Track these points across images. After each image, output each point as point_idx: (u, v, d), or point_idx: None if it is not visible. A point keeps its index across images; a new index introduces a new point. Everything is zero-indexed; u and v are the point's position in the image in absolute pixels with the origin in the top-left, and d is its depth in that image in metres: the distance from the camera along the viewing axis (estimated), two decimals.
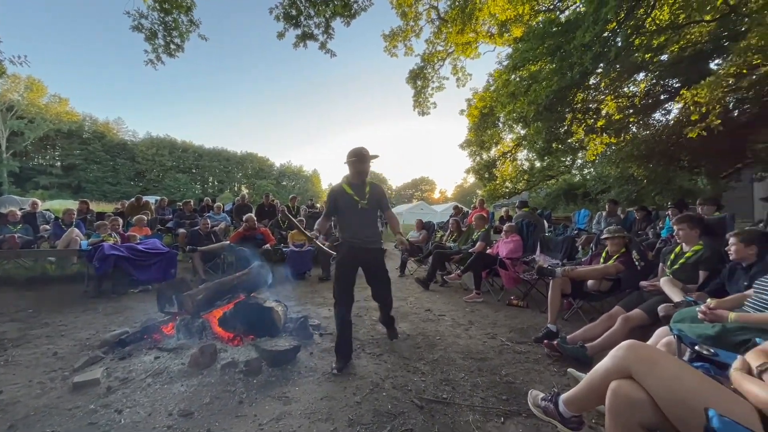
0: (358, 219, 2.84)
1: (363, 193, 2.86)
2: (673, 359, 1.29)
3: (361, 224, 2.85)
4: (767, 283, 1.87)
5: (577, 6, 8.33)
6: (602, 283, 3.62)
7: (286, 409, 2.13)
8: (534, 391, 1.71)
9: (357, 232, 2.86)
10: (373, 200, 2.90)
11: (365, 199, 2.84)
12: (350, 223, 2.86)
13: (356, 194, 2.83)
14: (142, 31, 6.25)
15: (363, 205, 2.82)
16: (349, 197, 2.82)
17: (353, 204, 2.82)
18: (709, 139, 6.77)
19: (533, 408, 1.65)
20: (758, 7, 4.95)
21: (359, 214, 2.83)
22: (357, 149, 2.81)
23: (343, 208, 2.85)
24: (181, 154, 52.03)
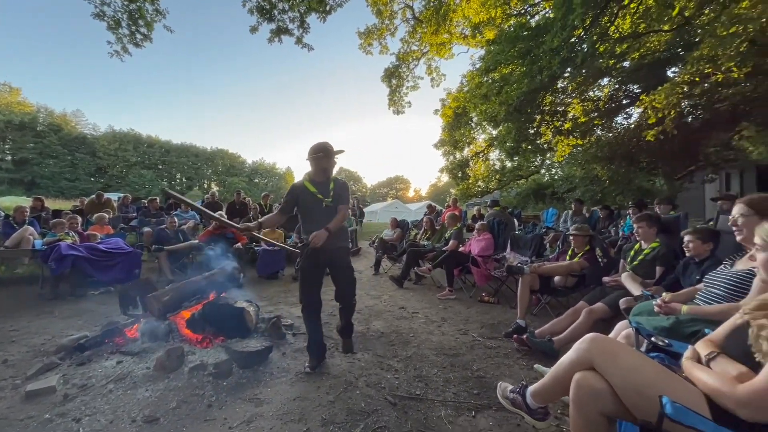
0: (323, 218, 2.65)
1: (327, 190, 2.69)
2: (632, 351, 1.36)
3: (324, 222, 2.64)
4: (715, 278, 2.01)
5: (546, 12, 8.61)
6: (568, 279, 3.77)
7: (257, 411, 2.09)
8: (503, 384, 1.76)
9: (319, 229, 2.65)
10: (336, 198, 2.74)
11: (330, 197, 2.68)
12: (315, 222, 2.65)
13: (320, 192, 2.67)
14: (104, 19, 5.94)
15: (328, 204, 2.67)
16: (312, 195, 2.67)
17: (317, 202, 2.67)
18: (666, 142, 7.19)
19: (502, 399, 1.70)
20: (710, 19, 5.29)
21: (324, 213, 2.67)
22: (321, 144, 2.65)
23: (307, 207, 2.71)
24: (146, 149, 49.76)
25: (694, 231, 2.64)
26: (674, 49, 7.59)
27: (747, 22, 3.98)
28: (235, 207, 8.81)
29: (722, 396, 1.08)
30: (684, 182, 10.05)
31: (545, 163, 13.68)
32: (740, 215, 1.78)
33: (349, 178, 70.74)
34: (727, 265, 2.07)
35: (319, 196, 2.66)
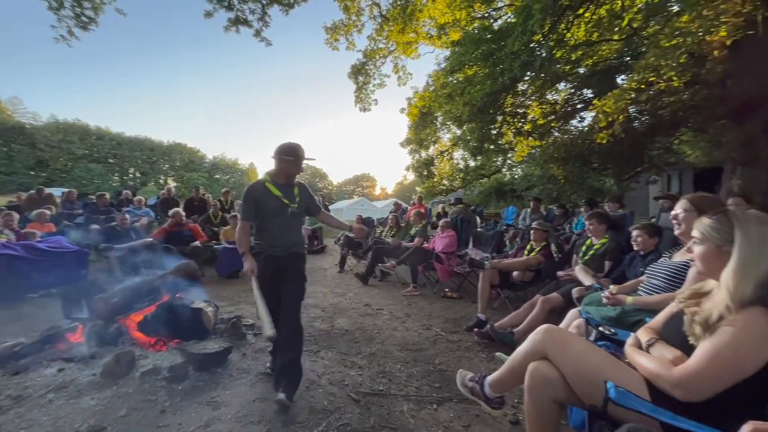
0: (288, 226, 2.45)
1: (292, 195, 2.46)
2: (581, 340, 1.44)
3: (288, 230, 2.46)
4: (656, 270, 2.17)
5: (508, 16, 8.89)
6: (525, 274, 3.94)
7: (215, 415, 2.02)
8: (463, 371, 1.81)
9: (281, 239, 2.44)
10: (303, 203, 2.54)
11: (296, 203, 2.45)
12: (275, 228, 2.42)
13: (286, 197, 2.41)
14: None
15: (294, 210, 2.43)
16: (277, 200, 2.38)
17: (282, 208, 2.40)
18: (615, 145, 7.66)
19: (461, 387, 1.75)
20: (654, 31, 5.68)
21: (290, 219, 2.45)
22: (294, 146, 2.40)
23: (270, 213, 2.40)
24: (95, 141, 46.25)
25: (642, 227, 2.84)
26: (623, 57, 8.10)
27: (686, 35, 4.31)
28: (193, 203, 8.42)
29: (659, 378, 1.16)
30: (631, 182, 10.79)
31: (507, 163, 14.18)
32: (682, 210, 1.93)
33: (314, 175, 69.74)
34: (666, 257, 2.24)
35: (285, 201, 2.40)
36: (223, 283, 5.59)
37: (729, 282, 1.14)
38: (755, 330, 1.04)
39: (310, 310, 4.06)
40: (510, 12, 8.62)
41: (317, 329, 3.46)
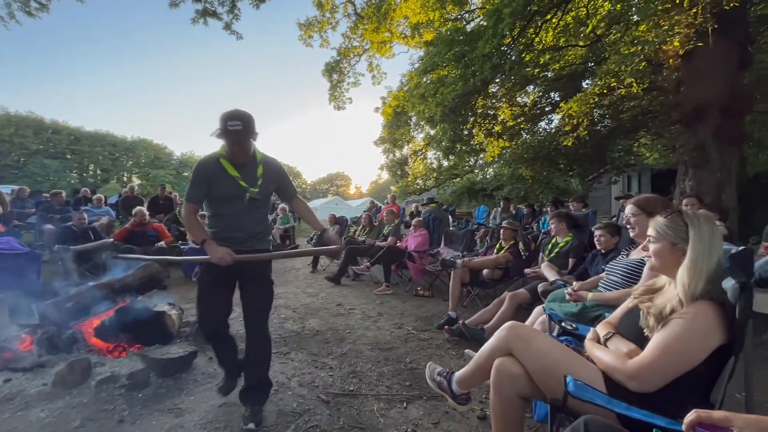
0: (243, 213, 1.98)
1: (254, 177, 1.96)
2: (544, 336, 1.49)
3: (245, 220, 2.00)
4: (614, 267, 2.28)
5: (480, 19, 9.06)
6: (495, 272, 4.03)
7: (177, 422, 1.94)
8: (432, 364, 1.83)
9: (236, 231, 2.00)
10: (268, 187, 2.04)
11: (257, 186, 1.96)
12: (229, 217, 1.99)
13: (244, 178, 1.92)
14: None
15: (253, 196, 1.95)
16: (232, 181, 1.91)
17: (238, 191, 1.92)
18: (580, 146, 7.98)
19: (429, 380, 1.77)
20: (615, 38, 5.96)
21: (246, 209, 1.98)
22: (238, 112, 1.82)
23: (222, 197, 1.95)
24: (50, 135, 43.47)
25: (604, 226, 2.96)
26: (588, 63, 8.44)
27: (644, 44, 4.54)
28: (158, 202, 8.08)
29: (615, 371, 1.21)
30: (594, 183, 11.28)
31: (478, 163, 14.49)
32: (632, 215, 2.03)
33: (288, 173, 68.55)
34: (623, 255, 2.35)
35: (243, 184, 1.91)
36: (189, 285, 5.38)
37: (684, 277, 1.21)
38: (703, 322, 1.11)
39: (281, 311, 3.99)
40: (481, 15, 8.79)
41: (288, 330, 3.40)
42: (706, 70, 5.01)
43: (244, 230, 2.02)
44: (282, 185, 2.15)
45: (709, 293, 1.15)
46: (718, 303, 1.13)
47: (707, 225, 1.24)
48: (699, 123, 5.12)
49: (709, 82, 4.98)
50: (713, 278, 1.18)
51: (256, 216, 2.06)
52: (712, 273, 1.18)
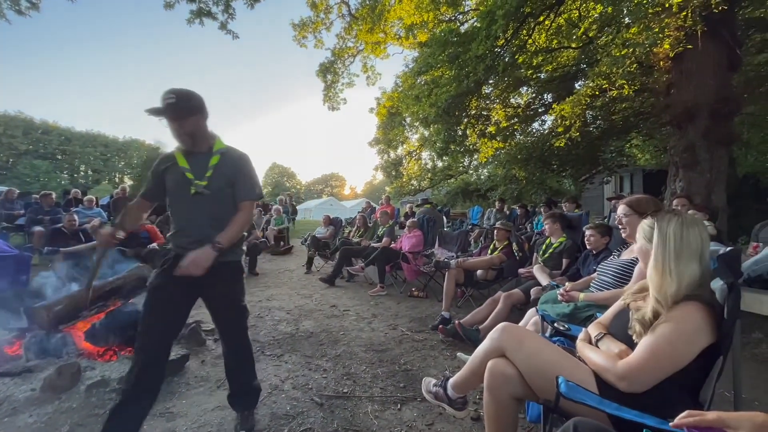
0: (190, 214, 1.71)
1: (203, 167, 1.69)
2: (536, 337, 1.49)
3: (194, 220, 1.70)
4: (606, 267, 2.30)
5: (474, 20, 9.11)
6: (489, 273, 4.04)
7: (169, 426, 1.92)
8: (427, 379, 1.83)
9: (185, 233, 1.72)
10: (221, 179, 1.70)
11: (204, 178, 1.67)
12: (178, 216, 1.75)
13: (192, 170, 1.68)
14: None
15: (200, 189, 1.66)
16: (179, 173, 1.69)
17: (183, 185, 1.68)
18: (573, 147, 8.05)
19: (426, 394, 1.77)
20: (607, 41, 6.02)
21: (192, 205, 1.69)
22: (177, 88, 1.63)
23: (170, 192, 1.75)
24: (40, 136, 42.93)
25: (594, 226, 2.99)
26: (580, 65, 8.52)
27: (635, 46, 4.60)
28: None
29: (605, 372, 1.22)
30: (586, 183, 11.39)
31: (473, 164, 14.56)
32: (623, 215, 2.05)
33: (282, 174, 68.33)
34: (615, 255, 2.37)
35: (188, 176, 1.66)
36: None
37: (651, 278, 1.23)
38: (691, 323, 1.12)
39: (275, 313, 3.97)
40: (475, 16, 8.84)
41: (282, 332, 3.38)
42: (696, 72, 5.09)
43: (192, 233, 1.69)
44: (237, 182, 1.74)
45: (697, 296, 1.16)
46: (705, 304, 1.14)
47: (677, 227, 1.23)
48: (689, 124, 5.19)
49: (699, 84, 5.06)
50: (694, 280, 1.18)
51: (206, 215, 1.70)
52: (691, 275, 1.18)
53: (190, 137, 1.68)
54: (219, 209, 1.72)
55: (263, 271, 6.50)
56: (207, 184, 1.67)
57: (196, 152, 1.71)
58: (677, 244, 1.21)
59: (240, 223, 1.72)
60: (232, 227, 1.68)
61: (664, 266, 1.21)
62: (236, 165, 1.76)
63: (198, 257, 1.54)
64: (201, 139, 1.72)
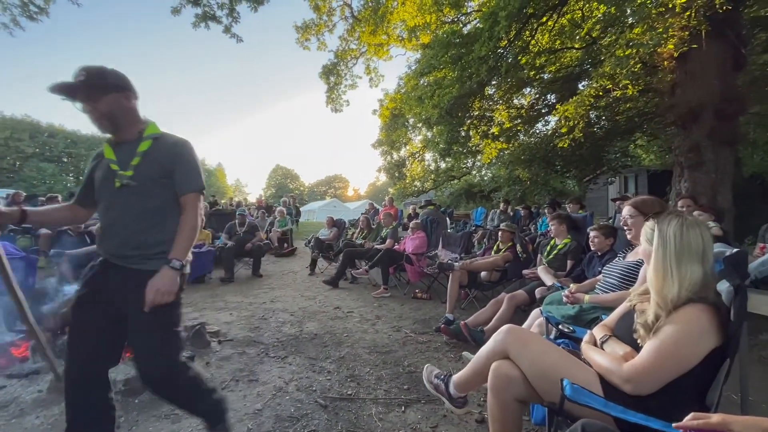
0: (116, 208, 1.44)
1: (130, 155, 1.43)
2: (541, 339, 1.49)
3: (120, 219, 1.43)
4: (611, 269, 2.28)
5: (476, 22, 9.11)
6: (493, 274, 4.03)
7: (174, 428, 1.93)
8: (430, 366, 1.83)
9: (107, 235, 1.47)
10: (152, 168, 1.44)
11: (130, 168, 1.41)
12: (105, 216, 1.48)
13: (119, 160, 1.44)
14: None
15: (126, 182, 1.40)
16: (105, 166, 1.46)
17: (109, 178, 1.43)
18: (576, 148, 8.03)
19: (426, 383, 1.77)
20: (611, 41, 6.00)
21: (118, 198, 1.43)
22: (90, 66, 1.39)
23: (98, 188, 1.49)
24: (47, 139, 43.24)
25: (599, 227, 2.96)
26: (584, 65, 8.50)
27: (639, 46, 4.58)
28: None
29: (610, 374, 1.21)
30: (590, 184, 11.34)
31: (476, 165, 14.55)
32: (629, 216, 2.04)
33: (285, 175, 68.51)
34: (620, 257, 2.36)
35: (113, 167, 1.43)
36: (187, 289, 5.35)
37: (651, 281, 1.22)
38: (696, 326, 1.12)
39: (279, 315, 3.98)
40: (478, 17, 8.84)
41: (286, 334, 3.39)
42: (701, 72, 5.06)
43: (119, 234, 1.43)
44: (176, 171, 1.47)
45: (702, 298, 1.15)
46: (711, 306, 1.13)
47: (677, 228, 1.22)
48: (694, 124, 5.16)
49: (704, 84, 5.03)
50: (696, 282, 1.17)
51: (134, 212, 1.43)
52: (692, 277, 1.17)
53: (110, 121, 1.44)
54: (150, 204, 1.45)
55: (267, 273, 6.52)
56: (133, 174, 1.41)
57: (125, 141, 1.47)
58: (677, 246, 1.20)
59: (189, 225, 1.47)
60: (183, 234, 1.46)
61: (665, 268, 1.20)
62: (173, 152, 1.50)
63: (159, 284, 1.35)
64: (126, 124, 1.47)
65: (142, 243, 1.43)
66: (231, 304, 4.41)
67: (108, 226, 1.47)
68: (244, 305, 4.38)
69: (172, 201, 1.49)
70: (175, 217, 1.49)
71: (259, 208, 10.88)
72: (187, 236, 1.47)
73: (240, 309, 4.20)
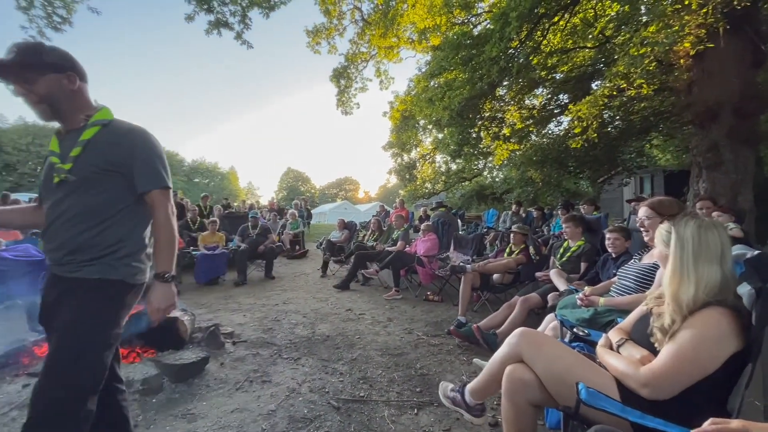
0: (55, 208, 1.26)
1: (71, 146, 1.24)
2: (555, 342, 1.48)
3: (58, 220, 1.25)
4: (627, 271, 2.25)
5: (487, 23, 9.07)
6: (505, 277, 4.00)
7: (190, 427, 1.96)
8: (444, 383, 1.82)
9: (48, 237, 1.28)
10: (96, 160, 1.23)
11: (69, 160, 1.22)
12: (47, 218, 1.29)
13: (62, 152, 1.27)
14: None
15: (63, 176, 1.22)
16: (47, 159, 1.31)
17: (49, 174, 1.28)
18: (590, 148, 7.91)
19: (443, 399, 1.77)
20: (625, 40, 5.91)
21: (56, 196, 1.25)
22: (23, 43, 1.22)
23: (41, 185, 1.35)
24: None
25: (619, 229, 2.89)
26: (597, 64, 8.38)
27: (654, 45, 4.49)
28: None
29: (627, 378, 1.20)
30: (604, 185, 11.15)
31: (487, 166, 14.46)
32: (645, 217, 2.00)
33: (297, 178, 69.03)
34: (636, 259, 2.32)
35: (53, 161, 1.26)
36: (201, 290, 5.46)
37: (667, 285, 1.20)
38: (714, 329, 1.09)
39: (292, 317, 4.01)
40: (488, 18, 8.80)
41: (298, 336, 3.41)
42: (719, 69, 4.95)
43: (57, 237, 1.24)
44: (134, 165, 1.26)
45: (720, 301, 1.12)
46: (730, 309, 1.11)
47: (694, 230, 1.20)
48: (712, 123, 5.04)
49: (722, 82, 4.91)
50: (714, 285, 1.14)
51: (74, 212, 1.23)
52: (709, 279, 1.15)
53: (50, 106, 1.25)
54: (94, 201, 1.23)
55: (279, 275, 6.58)
56: (72, 167, 1.21)
57: (72, 130, 1.28)
58: (695, 247, 1.18)
59: (164, 231, 1.31)
60: (160, 240, 1.31)
61: (682, 270, 1.18)
62: (127, 142, 1.27)
63: (157, 300, 1.30)
64: (70, 110, 1.28)
65: (82, 246, 1.22)
66: (244, 306, 4.47)
67: (47, 228, 1.27)
68: (257, 307, 4.43)
69: (126, 197, 1.29)
70: (131, 216, 1.31)
71: (271, 211, 11.00)
72: (166, 243, 1.31)
73: (253, 310, 4.26)
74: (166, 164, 1.35)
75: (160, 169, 1.32)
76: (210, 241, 6.28)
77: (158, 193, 1.31)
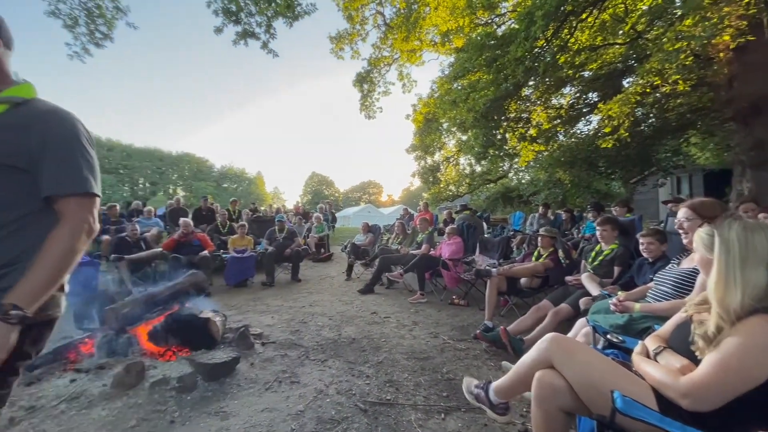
0: None
1: None
2: (587, 348, 1.44)
3: None
4: (664, 276, 2.15)
5: (511, 22, 8.94)
6: (533, 281, 3.91)
7: (223, 425, 2.03)
8: (469, 378, 1.81)
9: None
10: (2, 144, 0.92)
11: None
12: None
13: None
14: (60, 16, 5.64)
15: None
16: None
17: None
18: (622, 148, 7.62)
19: (467, 394, 1.75)
20: (658, 34, 5.68)
21: None
22: None
23: None
24: (106, 153, 47.10)
25: (653, 233, 2.77)
26: (628, 61, 8.09)
27: (690, 39, 4.29)
28: (201, 213, 8.53)
29: (666, 388, 1.15)
30: (638, 186, 10.69)
31: (513, 168, 14.19)
32: (685, 219, 1.92)
33: (321, 182, 70.02)
34: (674, 264, 2.22)
35: None
36: (231, 293, 5.63)
37: (712, 292, 1.14)
38: (761, 338, 1.04)
39: (318, 319, 4.08)
40: (513, 18, 8.67)
41: (325, 338, 3.46)
42: (762, 62, 4.66)
43: None
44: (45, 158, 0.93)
45: (766, 307, 1.06)
46: None
47: (740, 232, 1.14)
48: (756, 119, 4.76)
49: (765, 76, 4.63)
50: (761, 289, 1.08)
51: None
52: (756, 283, 1.09)
53: None
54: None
55: (305, 278, 6.70)
56: None
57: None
58: (742, 250, 1.12)
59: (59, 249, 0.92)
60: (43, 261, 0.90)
61: (728, 274, 1.12)
62: (41, 126, 0.94)
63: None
64: None
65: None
66: (272, 308, 4.58)
67: None
68: (285, 309, 4.53)
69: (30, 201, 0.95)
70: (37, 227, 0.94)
71: (297, 215, 11.21)
72: (51, 266, 0.90)
73: (281, 312, 4.35)
74: (93, 163, 1.02)
75: (83, 168, 0.97)
76: (239, 245, 6.48)
77: (74, 201, 0.95)
